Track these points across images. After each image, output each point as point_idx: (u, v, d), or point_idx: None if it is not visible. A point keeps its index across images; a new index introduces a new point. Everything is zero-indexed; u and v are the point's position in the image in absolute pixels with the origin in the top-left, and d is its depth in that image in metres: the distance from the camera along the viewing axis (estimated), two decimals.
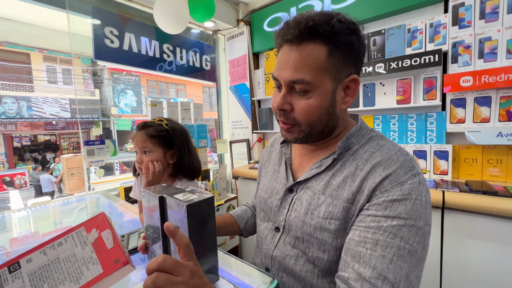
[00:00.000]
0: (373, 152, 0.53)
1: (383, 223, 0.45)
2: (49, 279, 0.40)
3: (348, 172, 0.54)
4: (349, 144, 0.57)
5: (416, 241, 0.45)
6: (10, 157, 9.88)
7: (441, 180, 1.31)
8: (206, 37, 2.30)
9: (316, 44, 0.49)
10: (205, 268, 0.53)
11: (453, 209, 1.08)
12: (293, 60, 0.50)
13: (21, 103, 8.90)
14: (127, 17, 1.70)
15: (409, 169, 0.49)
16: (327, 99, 0.52)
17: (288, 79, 0.52)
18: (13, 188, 7.72)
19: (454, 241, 1.09)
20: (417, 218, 0.46)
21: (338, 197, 0.53)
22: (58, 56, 9.43)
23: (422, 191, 0.48)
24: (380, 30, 1.50)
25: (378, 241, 0.45)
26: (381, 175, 0.49)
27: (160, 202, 0.55)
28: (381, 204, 0.47)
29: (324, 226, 0.53)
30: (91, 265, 0.42)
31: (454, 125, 1.32)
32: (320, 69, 0.50)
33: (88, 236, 0.44)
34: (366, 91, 1.59)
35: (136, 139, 0.96)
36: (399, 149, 0.53)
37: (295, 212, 0.59)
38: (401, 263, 0.43)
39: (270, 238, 0.64)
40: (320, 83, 0.50)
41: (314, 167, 0.59)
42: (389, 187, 0.48)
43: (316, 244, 0.54)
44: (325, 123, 0.55)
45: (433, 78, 1.37)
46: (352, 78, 0.53)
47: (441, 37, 1.32)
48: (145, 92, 11.34)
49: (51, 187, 7.35)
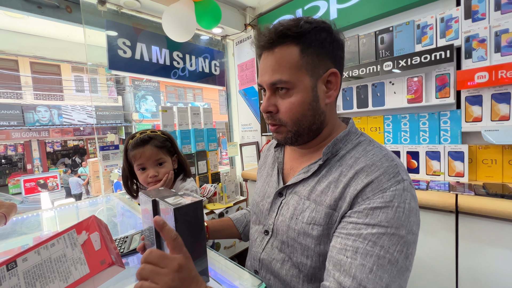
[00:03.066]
0: (358, 158, 0.53)
1: (363, 231, 0.45)
2: (41, 277, 0.43)
3: (333, 178, 0.53)
4: (337, 149, 0.57)
5: (397, 250, 0.43)
6: (44, 161, 10.69)
7: (456, 182, 1.23)
8: (215, 42, 2.35)
9: (288, 45, 0.52)
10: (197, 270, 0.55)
11: (468, 214, 1.02)
12: (270, 64, 0.54)
13: (52, 111, 9.61)
14: (140, 28, 1.78)
15: (392, 176, 0.48)
16: (308, 95, 0.54)
17: (268, 82, 0.55)
18: (47, 190, 8.33)
19: (471, 248, 1.02)
20: (399, 226, 0.44)
21: (321, 202, 0.53)
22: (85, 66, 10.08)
23: (406, 198, 0.46)
24: (387, 27, 1.45)
25: (358, 249, 0.44)
26: (363, 181, 0.48)
27: (153, 205, 0.58)
28: (362, 211, 0.46)
29: (307, 232, 0.53)
30: (79, 265, 0.45)
31: (470, 124, 1.24)
32: (295, 67, 0.52)
33: (78, 238, 0.47)
34: (375, 90, 1.54)
35: (147, 154, 0.91)
36: (385, 155, 0.52)
37: (282, 216, 0.59)
38: (381, 273, 0.42)
39: (259, 241, 0.65)
40: (298, 80, 0.53)
41: (302, 172, 0.59)
42: (371, 194, 0.47)
43: (300, 249, 0.54)
44: (311, 120, 0.56)
45: (446, 75, 1.29)
46: (331, 72, 0.55)
47: (453, 31, 1.25)
48: (164, 97, 11.76)
49: (79, 189, 7.84)
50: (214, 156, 2.07)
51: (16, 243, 1.00)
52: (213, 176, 2.05)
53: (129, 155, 0.94)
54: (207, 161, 2.01)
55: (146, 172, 0.93)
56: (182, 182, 1.02)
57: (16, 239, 1.03)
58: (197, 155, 1.94)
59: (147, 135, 0.94)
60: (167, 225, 0.43)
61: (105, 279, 0.47)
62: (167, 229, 0.42)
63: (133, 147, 0.93)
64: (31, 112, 9.24)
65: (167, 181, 0.93)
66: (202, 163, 1.97)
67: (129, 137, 0.96)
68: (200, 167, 1.95)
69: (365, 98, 1.59)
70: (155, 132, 0.97)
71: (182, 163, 1.03)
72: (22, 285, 0.42)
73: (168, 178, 0.93)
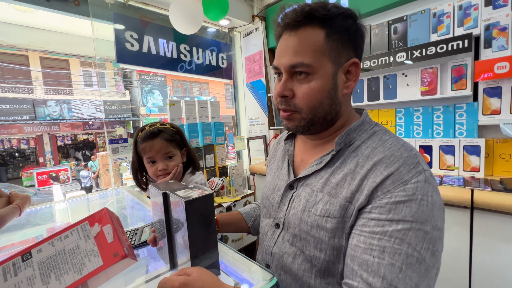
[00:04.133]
0: (375, 148, 0.51)
1: (387, 228, 0.43)
2: (56, 268, 0.43)
3: (348, 169, 0.51)
4: (350, 140, 0.55)
5: (423, 248, 0.42)
6: (55, 155, 10.96)
7: (471, 177, 1.19)
8: (222, 35, 2.32)
9: (313, 27, 0.50)
10: (207, 263, 0.54)
11: (484, 210, 0.99)
12: (292, 45, 0.51)
13: (62, 106, 9.79)
14: (147, 21, 1.77)
15: (413, 166, 0.46)
16: (328, 82, 0.51)
17: (288, 64, 0.52)
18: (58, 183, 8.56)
19: (485, 244, 0.99)
20: (424, 221, 0.42)
21: (336, 195, 0.51)
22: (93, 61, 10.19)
23: (428, 190, 0.44)
24: (401, 16, 1.39)
25: (385, 248, 0.42)
26: (382, 174, 0.46)
27: (164, 198, 0.58)
28: (384, 206, 0.44)
29: (321, 224, 0.51)
30: (93, 257, 0.45)
31: (488, 117, 1.19)
32: (319, 51, 0.50)
33: (91, 230, 0.48)
34: (387, 82, 1.50)
35: (156, 148, 0.90)
36: (403, 144, 0.50)
37: (294, 209, 0.58)
38: (410, 273, 0.40)
39: (270, 235, 0.64)
40: (320, 65, 0.50)
41: (314, 164, 0.58)
42: (392, 187, 0.45)
43: (312, 243, 0.53)
44: (327, 109, 0.53)
45: (463, 65, 1.24)
46: (352, 62, 0.53)
47: (471, 20, 1.19)
48: (171, 91, 11.81)
49: (89, 182, 8.02)
50: (221, 150, 2.07)
51: (31, 233, 1.02)
52: (221, 169, 2.06)
53: (138, 148, 0.93)
54: (214, 154, 2.01)
55: (155, 165, 0.92)
56: (191, 175, 1.02)
57: (30, 230, 1.06)
58: (205, 148, 1.94)
59: (157, 128, 0.93)
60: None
61: (117, 271, 0.47)
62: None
63: (142, 140, 0.91)
64: (42, 107, 9.44)
65: (176, 174, 0.93)
66: (209, 157, 1.97)
67: (139, 130, 0.95)
68: (208, 161, 1.96)
69: (376, 90, 1.54)
70: (164, 125, 0.96)
71: (191, 156, 1.03)
72: (37, 275, 0.42)
73: (177, 171, 0.93)
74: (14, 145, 10.45)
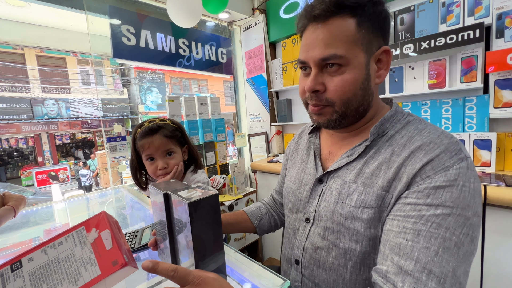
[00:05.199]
0: (412, 137, 0.49)
1: (425, 212, 0.42)
2: (48, 279, 0.39)
3: (383, 158, 0.50)
4: (383, 130, 0.54)
5: (463, 233, 0.40)
6: (54, 154, 10.90)
7: (482, 173, 1.15)
8: (221, 29, 2.26)
9: (343, 17, 0.48)
10: (213, 267, 0.51)
11: (497, 206, 0.95)
12: (321, 37, 0.49)
13: (60, 104, 9.69)
14: (144, 14, 1.71)
15: (455, 153, 0.44)
16: (361, 72, 0.50)
17: (318, 57, 0.50)
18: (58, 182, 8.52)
19: (498, 242, 0.96)
20: (465, 207, 0.41)
21: (372, 185, 0.49)
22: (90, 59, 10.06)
23: (470, 177, 0.43)
24: (408, 6, 1.34)
25: (420, 231, 0.41)
26: (422, 160, 0.45)
27: (165, 198, 0.54)
28: (423, 191, 0.43)
29: (356, 215, 0.50)
30: (90, 266, 0.41)
31: (499, 110, 1.15)
32: (352, 41, 0.48)
33: (88, 236, 0.44)
34: (393, 76, 1.45)
35: (156, 144, 0.86)
36: (442, 132, 0.49)
37: (325, 202, 0.56)
38: (447, 257, 0.39)
39: (302, 230, 0.62)
40: (354, 56, 0.49)
41: (345, 156, 0.56)
42: (432, 173, 0.43)
43: (347, 234, 0.51)
44: (360, 100, 0.52)
45: (473, 57, 1.20)
46: (383, 50, 0.52)
47: (483, 8, 1.14)
48: (169, 89, 11.71)
49: (89, 181, 7.99)
50: (222, 147, 2.03)
51: (28, 234, 0.99)
52: (222, 167, 2.02)
53: (137, 145, 0.88)
54: (215, 152, 1.97)
55: (155, 163, 0.88)
56: (193, 174, 0.98)
57: (28, 230, 1.02)
58: (205, 146, 1.90)
59: (156, 124, 0.88)
60: (158, 266, 0.38)
61: (117, 280, 0.43)
62: (160, 270, 0.37)
63: (141, 136, 0.87)
64: (39, 106, 9.34)
65: (177, 173, 0.88)
66: (210, 154, 1.93)
67: (137, 126, 0.91)
68: (209, 158, 1.92)
69: (382, 84, 1.50)
70: (164, 121, 0.91)
71: (193, 154, 0.98)
72: (28, 287, 0.38)
73: (178, 170, 0.88)
74: (13, 144, 10.38)
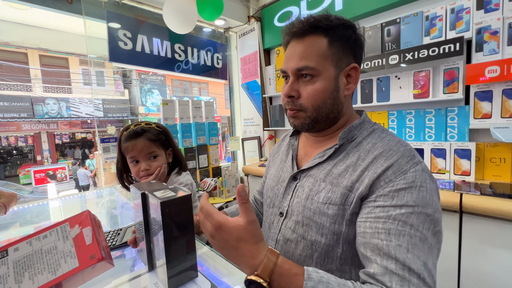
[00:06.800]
0: (375, 143, 0.56)
1: (392, 212, 0.47)
2: (30, 268, 0.43)
3: (350, 162, 0.57)
4: (352, 136, 0.61)
5: (425, 228, 0.45)
6: (53, 153, 10.92)
7: (462, 181, 1.19)
8: (218, 35, 2.32)
9: (317, 36, 0.57)
10: (184, 266, 0.54)
11: (473, 214, 0.99)
12: (298, 51, 0.58)
13: (61, 104, 9.75)
14: (141, 20, 1.77)
15: (410, 158, 0.51)
16: (330, 84, 0.58)
17: (294, 68, 0.58)
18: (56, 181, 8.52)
19: (474, 248, 1.00)
20: (425, 205, 0.47)
21: (338, 184, 0.56)
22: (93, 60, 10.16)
23: (426, 178, 0.49)
24: (394, 19, 1.40)
25: (390, 230, 0.46)
26: (382, 165, 0.51)
27: (142, 198, 0.57)
28: (387, 194, 0.49)
29: (323, 211, 0.56)
30: (69, 258, 0.45)
31: (479, 121, 1.19)
32: (323, 56, 0.57)
33: (71, 231, 0.47)
34: (380, 85, 1.50)
35: (139, 147, 0.90)
36: (399, 141, 0.56)
37: (298, 198, 0.62)
38: (416, 252, 0.44)
39: (276, 223, 0.67)
40: (324, 69, 0.57)
41: (317, 157, 0.63)
42: (393, 177, 0.49)
43: (314, 228, 0.57)
44: (330, 108, 0.59)
45: (455, 69, 1.24)
46: (352, 66, 0.59)
47: (463, 23, 1.19)
48: (170, 91, 11.78)
49: (87, 181, 7.99)
50: (215, 150, 2.07)
51: (19, 232, 1.02)
52: (214, 170, 2.05)
53: (122, 147, 0.92)
54: (208, 155, 2.01)
55: (138, 165, 0.91)
56: (177, 175, 1.02)
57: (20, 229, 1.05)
58: (198, 149, 1.94)
59: (141, 128, 0.92)
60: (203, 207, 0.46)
61: (94, 275, 0.46)
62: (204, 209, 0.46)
63: (126, 139, 0.91)
64: (40, 105, 9.40)
65: (160, 175, 0.92)
66: (203, 157, 1.97)
67: (124, 129, 0.95)
68: (201, 161, 1.95)
69: (369, 92, 1.54)
70: (149, 125, 0.95)
71: (178, 156, 1.02)
72: (11, 274, 0.42)
73: (160, 172, 0.92)
74: (12, 142, 10.41)
